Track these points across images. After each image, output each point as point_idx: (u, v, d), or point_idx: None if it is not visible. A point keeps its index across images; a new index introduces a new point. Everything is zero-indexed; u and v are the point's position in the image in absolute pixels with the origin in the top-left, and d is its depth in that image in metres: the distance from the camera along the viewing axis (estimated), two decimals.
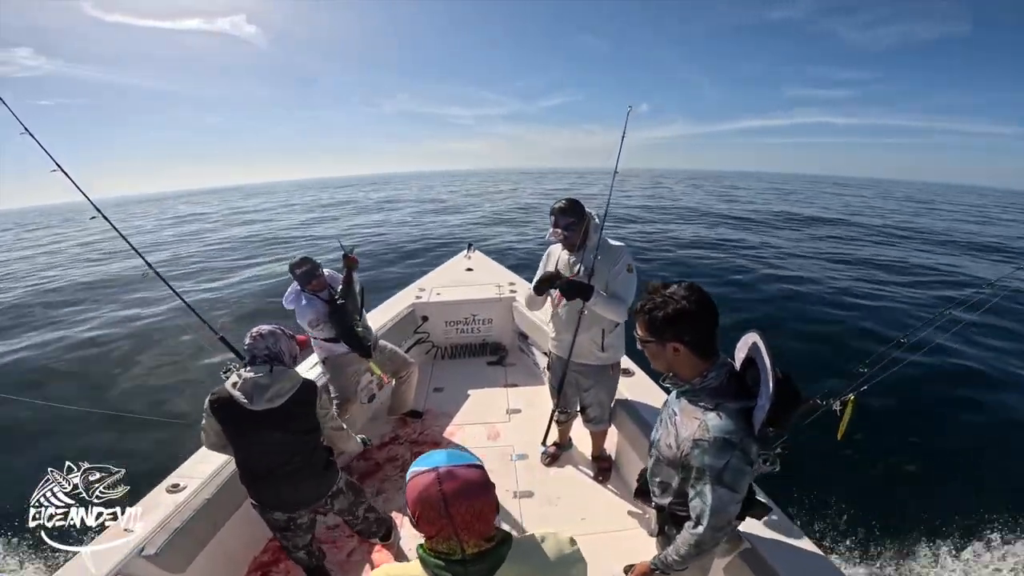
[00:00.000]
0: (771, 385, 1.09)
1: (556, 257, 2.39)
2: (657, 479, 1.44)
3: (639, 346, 1.31)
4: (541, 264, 2.48)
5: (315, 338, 2.72)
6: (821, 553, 1.72)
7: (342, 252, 2.70)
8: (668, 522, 1.47)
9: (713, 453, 1.15)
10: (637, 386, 2.74)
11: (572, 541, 0.96)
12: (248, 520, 2.22)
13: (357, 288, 2.74)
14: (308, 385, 1.81)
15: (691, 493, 1.25)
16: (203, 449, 2.24)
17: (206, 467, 2.11)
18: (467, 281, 4.63)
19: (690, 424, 1.22)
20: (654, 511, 1.54)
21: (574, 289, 2.13)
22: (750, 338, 1.23)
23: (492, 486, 0.87)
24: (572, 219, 2.17)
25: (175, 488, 1.97)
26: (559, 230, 2.19)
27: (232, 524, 2.10)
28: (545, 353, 3.69)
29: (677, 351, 1.21)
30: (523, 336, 4.04)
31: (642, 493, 1.62)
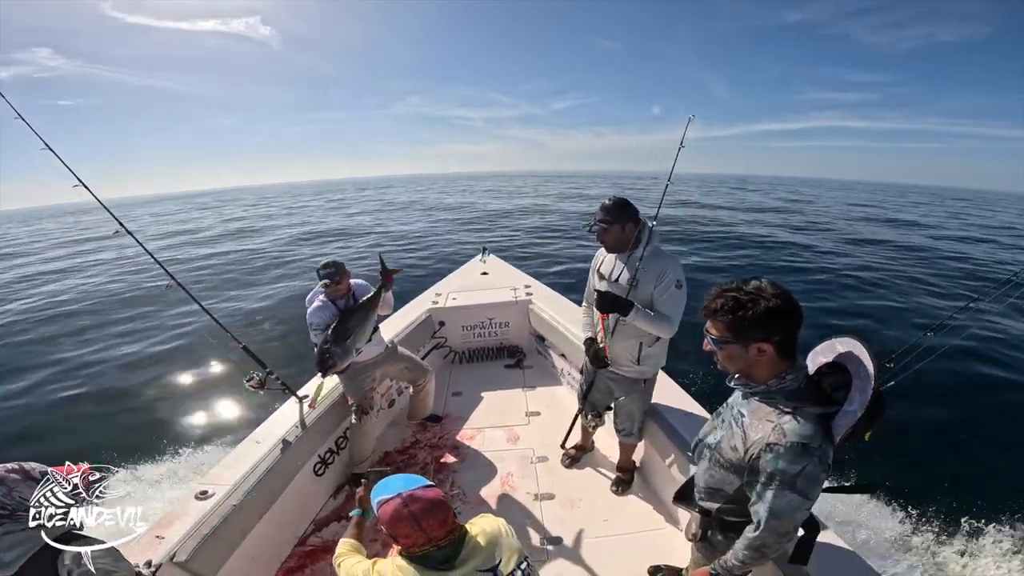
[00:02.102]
0: (869, 393, 1.03)
1: (601, 260, 2.31)
2: (709, 484, 1.38)
3: (707, 347, 1.22)
4: (591, 266, 2.41)
5: (315, 344, 2.60)
6: (854, 551, 1.69)
7: (381, 268, 2.64)
8: (713, 527, 1.43)
9: (789, 458, 1.08)
10: (661, 390, 2.71)
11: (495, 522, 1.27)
12: (275, 526, 2.26)
13: (388, 311, 2.73)
14: (47, 554, 1.22)
15: (753, 497, 1.20)
16: (230, 456, 2.30)
17: (233, 474, 2.15)
18: (482, 285, 4.65)
19: (762, 427, 1.15)
20: (697, 515, 1.49)
21: (609, 302, 2.04)
22: (841, 343, 1.15)
23: (446, 498, 1.17)
24: (607, 218, 2.08)
25: (203, 495, 2.01)
26: (594, 225, 2.13)
27: (259, 530, 2.14)
28: (562, 355, 3.69)
29: (762, 352, 1.12)
30: (540, 338, 4.04)
31: (681, 497, 1.58)
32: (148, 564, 1.60)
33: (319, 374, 2.53)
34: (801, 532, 1.34)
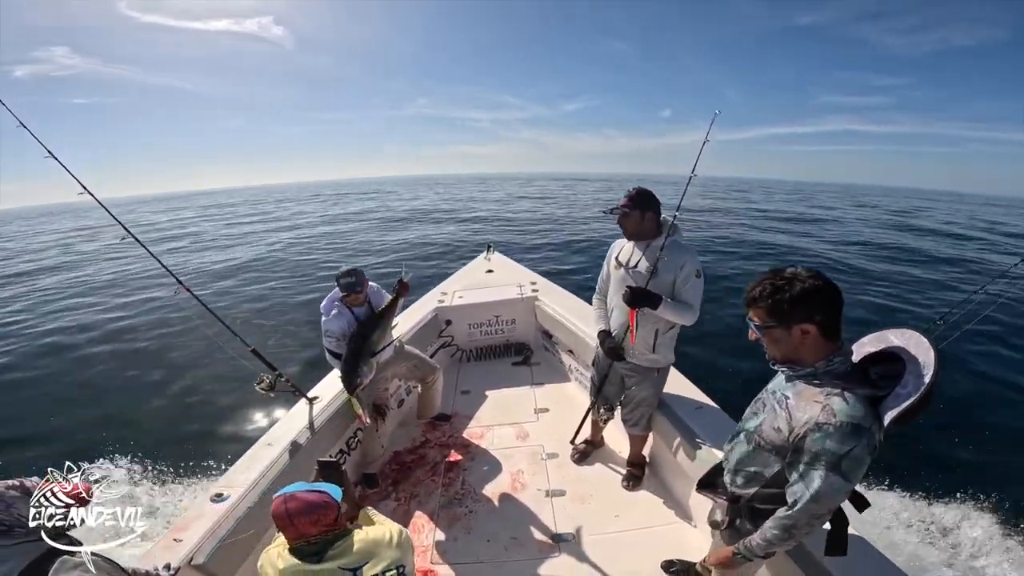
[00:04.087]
0: (928, 381, 1.02)
1: (619, 249, 2.36)
2: (747, 468, 1.38)
3: (753, 336, 1.25)
4: (607, 256, 2.45)
5: (328, 350, 2.62)
6: (867, 539, 1.68)
7: (400, 277, 2.63)
8: (742, 515, 1.42)
9: (838, 438, 1.08)
10: (673, 383, 2.70)
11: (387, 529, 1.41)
12: None
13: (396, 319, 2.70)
14: (36, 569, 1.18)
15: (793, 476, 1.20)
16: (244, 458, 2.32)
17: (247, 477, 2.17)
18: (488, 283, 4.65)
19: (810, 408, 1.15)
20: (724, 503, 1.49)
21: (639, 297, 2.10)
22: (896, 335, 1.17)
23: (329, 503, 1.30)
24: (628, 204, 2.15)
25: (219, 497, 2.03)
26: (616, 209, 2.19)
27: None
28: (569, 351, 3.69)
29: (806, 333, 1.14)
30: (547, 335, 4.04)
31: (706, 485, 1.59)
32: (167, 567, 1.62)
33: (348, 393, 2.54)
34: (828, 526, 1.34)
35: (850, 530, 1.71)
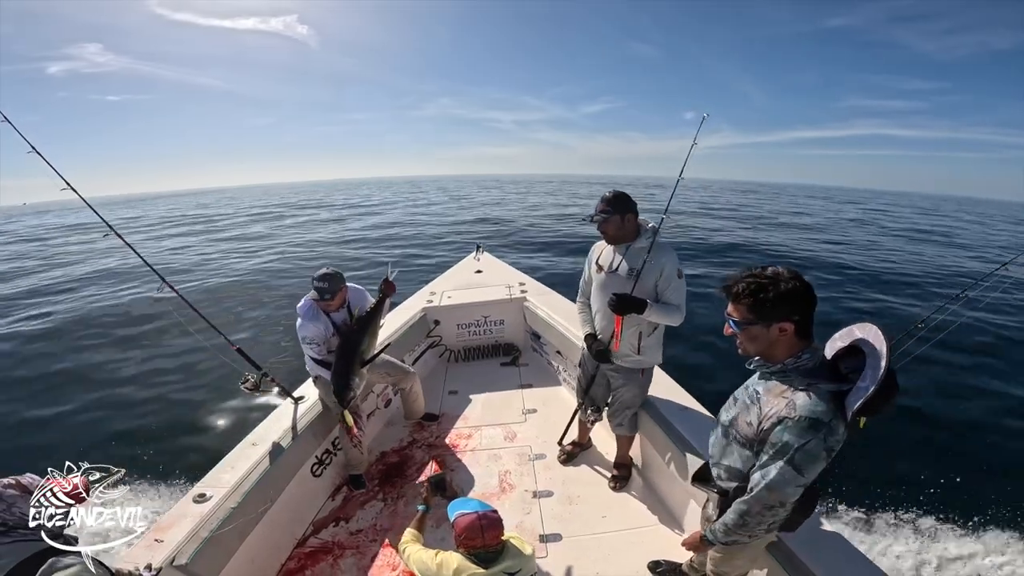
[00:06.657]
0: (882, 370, 1.07)
1: (600, 252, 2.34)
2: (727, 462, 1.41)
3: (729, 331, 1.28)
4: (587, 259, 2.44)
5: (310, 356, 2.56)
6: (848, 540, 1.72)
7: (385, 276, 2.59)
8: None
9: (796, 432, 1.13)
10: (659, 386, 2.73)
11: (527, 544, 1.70)
12: (274, 528, 2.26)
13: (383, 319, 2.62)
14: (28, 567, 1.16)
15: (755, 466, 1.25)
16: (227, 459, 2.29)
17: (230, 477, 2.14)
18: (477, 283, 4.65)
19: (776, 402, 1.21)
20: (716, 496, 1.53)
21: (626, 304, 2.08)
22: (859, 328, 1.21)
23: (501, 521, 1.64)
24: (607, 208, 2.13)
25: (201, 498, 2.00)
26: (593, 215, 2.18)
27: (258, 532, 2.13)
28: (558, 352, 3.70)
29: (783, 332, 1.18)
30: (535, 336, 4.05)
31: (700, 479, 1.62)
32: (148, 567, 1.59)
33: (341, 407, 2.45)
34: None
35: (832, 529, 1.76)
